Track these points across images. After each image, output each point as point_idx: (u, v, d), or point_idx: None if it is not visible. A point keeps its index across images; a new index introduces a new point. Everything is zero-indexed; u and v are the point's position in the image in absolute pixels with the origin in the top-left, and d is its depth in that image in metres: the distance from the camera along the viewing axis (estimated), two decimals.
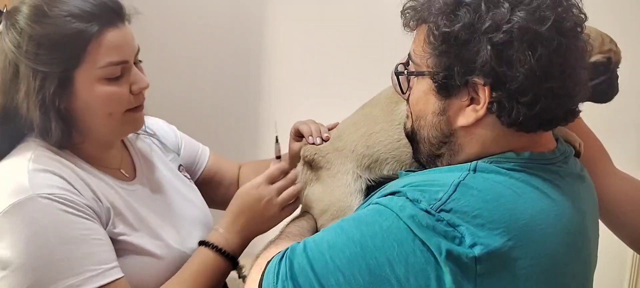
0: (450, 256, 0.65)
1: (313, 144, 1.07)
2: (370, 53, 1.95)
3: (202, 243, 0.99)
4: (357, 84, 1.16)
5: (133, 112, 0.96)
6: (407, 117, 0.87)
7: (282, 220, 1.04)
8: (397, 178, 0.89)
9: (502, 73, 0.70)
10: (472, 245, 0.66)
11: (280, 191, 1.02)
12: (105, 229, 0.90)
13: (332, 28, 1.99)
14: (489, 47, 0.70)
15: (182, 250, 1.00)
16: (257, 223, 1.01)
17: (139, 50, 0.98)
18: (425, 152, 0.83)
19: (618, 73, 0.98)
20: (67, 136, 0.90)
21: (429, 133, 0.81)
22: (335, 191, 1.00)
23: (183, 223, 1.05)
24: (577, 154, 0.89)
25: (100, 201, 0.90)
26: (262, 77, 2.10)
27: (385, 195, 0.75)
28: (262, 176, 1.03)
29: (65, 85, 0.88)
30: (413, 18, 0.79)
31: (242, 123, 2.16)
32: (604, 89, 0.95)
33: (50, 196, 0.83)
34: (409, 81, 0.84)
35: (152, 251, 0.94)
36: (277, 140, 1.16)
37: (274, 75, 2.09)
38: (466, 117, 0.75)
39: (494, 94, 0.72)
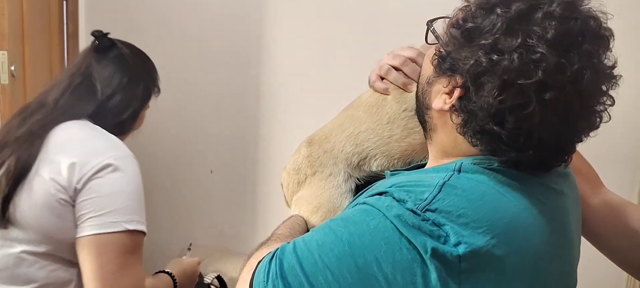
0: (436, 254, 0.67)
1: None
2: (369, 52, 1.95)
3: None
4: (356, 83, 1.17)
5: None
6: None
7: None
8: (384, 178, 0.91)
9: (472, 90, 0.73)
10: (457, 244, 0.67)
11: None
12: None
13: (332, 27, 2.00)
14: (473, 61, 0.72)
15: None
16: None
17: None
18: (417, 109, 0.88)
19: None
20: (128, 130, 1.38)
21: (419, 93, 0.86)
22: (326, 192, 1.02)
23: None
24: None
25: None
26: (261, 76, 2.12)
27: (373, 196, 0.77)
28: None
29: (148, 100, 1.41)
30: None
31: (241, 123, 2.17)
32: None
33: (135, 159, 1.24)
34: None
35: None
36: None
37: (274, 74, 2.10)
38: (439, 101, 0.79)
39: (458, 102, 0.75)
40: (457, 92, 0.75)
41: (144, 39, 2.21)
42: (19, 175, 1.16)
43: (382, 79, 1.06)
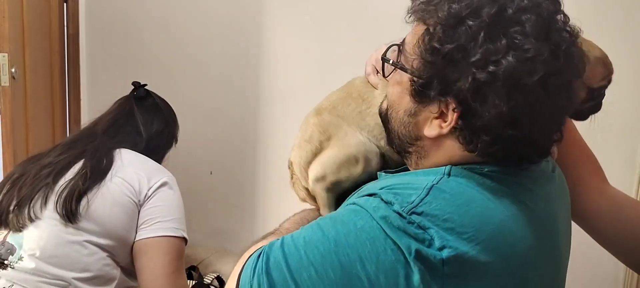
0: (419, 256, 0.67)
1: None
2: (368, 56, 1.97)
3: None
4: None
5: None
6: (385, 98, 0.88)
7: None
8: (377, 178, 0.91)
9: (474, 107, 0.72)
10: (441, 248, 0.67)
11: None
12: None
13: (331, 32, 2.01)
14: (469, 79, 0.71)
15: None
16: None
17: None
18: (397, 143, 0.85)
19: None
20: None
21: (398, 128, 0.83)
22: (353, 140, 1.00)
23: None
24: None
25: None
26: (261, 79, 2.13)
27: (363, 196, 0.77)
28: None
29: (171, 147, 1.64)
30: (418, 11, 0.79)
31: (241, 125, 2.18)
32: (592, 108, 0.96)
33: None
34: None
35: None
36: None
37: (273, 78, 2.11)
38: (432, 128, 0.77)
39: (460, 122, 0.74)
40: (455, 114, 0.74)
41: (144, 41, 2.24)
42: (95, 179, 1.35)
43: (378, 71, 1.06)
